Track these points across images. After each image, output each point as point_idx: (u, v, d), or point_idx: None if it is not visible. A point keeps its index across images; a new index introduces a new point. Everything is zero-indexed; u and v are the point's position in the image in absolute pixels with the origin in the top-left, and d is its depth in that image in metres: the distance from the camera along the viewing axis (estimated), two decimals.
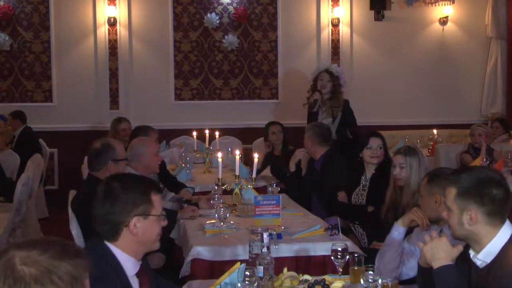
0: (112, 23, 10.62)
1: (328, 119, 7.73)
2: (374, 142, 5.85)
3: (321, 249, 4.39)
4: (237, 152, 5.87)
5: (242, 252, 4.26)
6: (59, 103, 10.71)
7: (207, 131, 8.37)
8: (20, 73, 10.66)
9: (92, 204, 3.02)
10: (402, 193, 4.95)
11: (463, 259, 2.98)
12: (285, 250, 4.38)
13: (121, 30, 10.71)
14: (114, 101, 10.77)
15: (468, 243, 2.99)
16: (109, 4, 10.60)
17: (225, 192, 5.67)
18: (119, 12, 10.68)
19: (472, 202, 2.90)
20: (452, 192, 2.97)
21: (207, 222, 4.92)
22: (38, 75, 10.70)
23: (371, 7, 11.01)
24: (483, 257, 2.91)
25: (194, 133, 8.71)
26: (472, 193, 2.91)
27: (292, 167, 6.82)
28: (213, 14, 10.83)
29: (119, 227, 2.92)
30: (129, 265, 2.93)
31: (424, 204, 3.92)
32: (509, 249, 2.82)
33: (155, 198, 2.99)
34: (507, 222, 2.93)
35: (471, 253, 2.97)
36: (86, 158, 5.88)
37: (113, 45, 10.68)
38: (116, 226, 2.92)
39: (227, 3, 10.87)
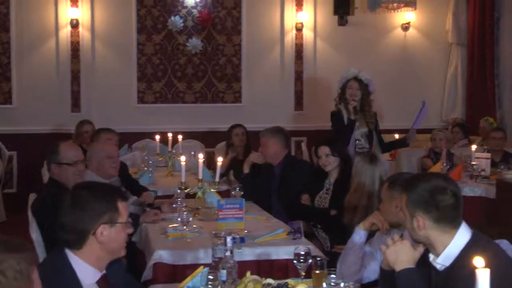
0: (74, 25, 10.51)
1: (363, 129, 7.24)
2: (321, 151, 5.93)
3: (283, 252, 4.39)
4: (200, 155, 5.86)
5: (204, 256, 4.26)
6: (19, 105, 10.56)
7: (170, 135, 8.34)
8: None
9: (59, 213, 2.98)
10: (359, 195, 5.05)
11: (424, 262, 3.03)
12: (247, 254, 4.37)
13: (84, 32, 10.61)
14: (75, 104, 10.66)
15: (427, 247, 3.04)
16: (71, 6, 10.48)
17: (188, 196, 5.66)
18: (82, 14, 10.57)
19: (419, 210, 2.98)
20: (403, 199, 3.06)
21: (170, 225, 4.90)
22: None
23: (335, 12, 11.06)
24: (442, 260, 2.96)
25: (157, 137, 8.67)
26: (418, 201, 2.99)
27: (246, 169, 6.76)
28: (177, 17, 10.79)
29: (85, 235, 2.89)
30: (88, 274, 2.91)
31: (385, 208, 3.96)
32: (467, 253, 2.86)
33: (121, 205, 2.98)
34: (464, 226, 2.98)
35: (431, 256, 3.02)
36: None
37: (75, 47, 10.58)
38: (82, 234, 2.90)
39: (191, 6, 10.83)
